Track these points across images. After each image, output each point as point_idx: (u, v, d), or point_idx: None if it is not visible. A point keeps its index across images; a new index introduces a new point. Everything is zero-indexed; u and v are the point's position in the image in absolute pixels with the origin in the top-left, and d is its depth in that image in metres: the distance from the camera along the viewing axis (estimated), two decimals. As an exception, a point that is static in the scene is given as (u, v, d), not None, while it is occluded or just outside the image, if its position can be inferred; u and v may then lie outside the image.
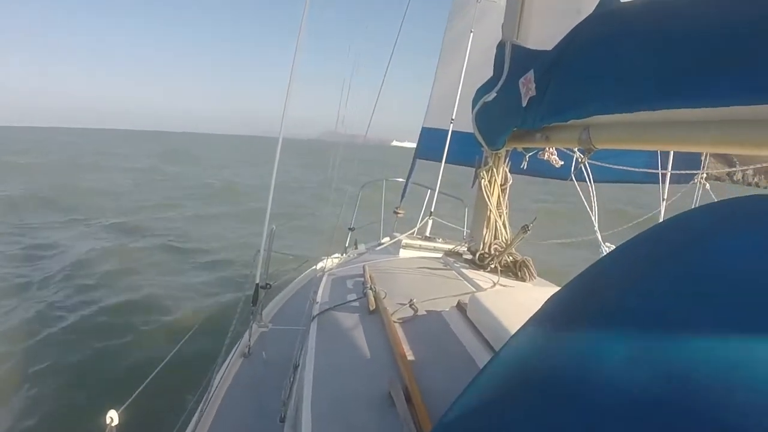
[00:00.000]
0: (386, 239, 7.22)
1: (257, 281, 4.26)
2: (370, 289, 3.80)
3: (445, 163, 7.44)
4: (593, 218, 4.57)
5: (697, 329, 0.92)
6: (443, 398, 2.24)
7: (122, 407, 2.68)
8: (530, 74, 3.41)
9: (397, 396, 2.25)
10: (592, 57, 2.86)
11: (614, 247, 3.79)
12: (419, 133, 9.02)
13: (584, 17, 3.06)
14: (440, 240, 6.72)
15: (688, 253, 1.15)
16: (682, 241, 1.20)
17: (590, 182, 4.29)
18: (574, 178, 4.13)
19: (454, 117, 7.35)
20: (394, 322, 3.22)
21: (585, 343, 1.05)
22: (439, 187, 7.79)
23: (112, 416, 2.56)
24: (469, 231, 6.35)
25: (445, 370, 2.63)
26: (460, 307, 3.32)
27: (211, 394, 3.81)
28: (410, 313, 3.43)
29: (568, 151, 4.06)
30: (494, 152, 4.55)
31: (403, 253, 6.10)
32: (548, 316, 1.29)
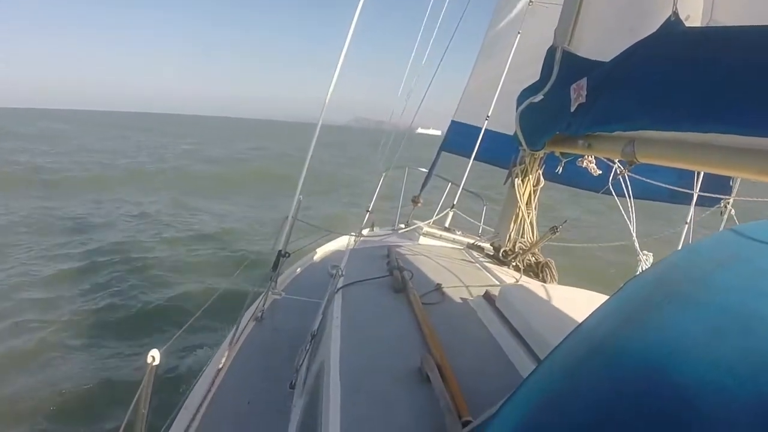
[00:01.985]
0: (402, 226, 7.24)
1: (280, 248, 4.31)
2: (396, 268, 3.83)
3: (474, 160, 7.46)
4: (632, 228, 4.61)
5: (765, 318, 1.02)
6: (474, 380, 2.32)
7: (164, 347, 2.76)
8: (583, 81, 3.46)
9: (431, 369, 2.31)
10: (649, 74, 2.93)
11: (650, 254, 3.84)
12: (448, 125, 9.03)
13: (636, 35, 3.14)
14: (460, 233, 6.76)
15: (752, 257, 1.25)
16: (746, 249, 1.29)
17: (629, 194, 4.34)
18: (612, 189, 4.19)
19: (489, 114, 7.37)
20: (423, 303, 3.27)
21: (666, 325, 1.10)
22: (459, 181, 7.82)
23: (154, 355, 2.63)
24: (485, 227, 6.45)
25: (474, 354, 2.71)
26: (489, 297, 3.37)
27: (224, 355, 3.89)
28: (437, 297, 3.50)
29: (606, 161, 4.13)
30: (532, 153, 4.62)
31: (423, 241, 6.14)
32: (627, 300, 1.33)
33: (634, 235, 4.64)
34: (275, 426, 3.20)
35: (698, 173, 5.23)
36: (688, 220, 5.74)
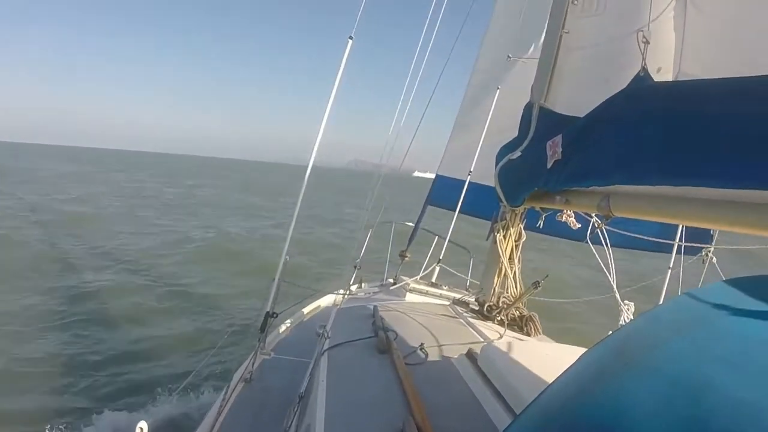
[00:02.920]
0: (390, 280, 7.25)
1: (268, 309, 4.31)
2: (381, 329, 3.84)
3: (459, 213, 7.50)
4: (611, 280, 4.63)
5: (716, 387, 1.03)
6: None
7: (152, 419, 2.75)
8: (558, 138, 3.52)
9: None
10: (621, 129, 2.98)
11: (632, 304, 3.87)
12: (433, 179, 9.12)
13: (612, 87, 3.20)
14: (446, 287, 6.75)
15: (713, 322, 1.26)
16: (703, 313, 1.31)
17: (607, 246, 4.37)
18: (590, 242, 4.23)
19: (472, 169, 7.43)
20: (406, 364, 3.27)
21: (617, 389, 1.12)
22: (449, 236, 7.85)
23: (142, 427, 2.61)
24: (472, 281, 6.46)
25: (456, 416, 2.70)
26: (471, 356, 3.36)
27: (213, 418, 3.86)
28: (420, 356, 3.48)
29: (585, 216, 4.17)
30: (512, 209, 4.66)
31: (410, 297, 6.13)
32: (583, 370, 1.34)
33: (614, 286, 4.66)
34: None
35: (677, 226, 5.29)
36: (671, 266, 5.77)
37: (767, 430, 0.90)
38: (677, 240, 5.35)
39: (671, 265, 5.77)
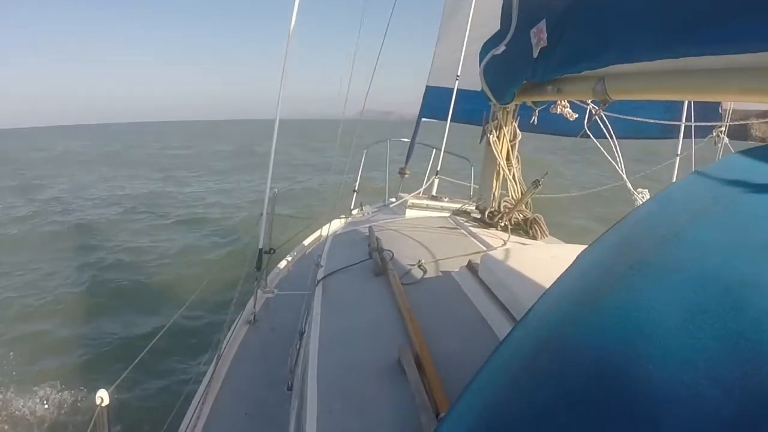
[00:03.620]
0: (392, 200, 7.08)
1: (260, 246, 4.16)
2: (376, 250, 3.69)
3: (451, 121, 7.27)
4: (619, 168, 4.37)
5: (760, 285, 0.82)
6: (456, 364, 2.14)
7: (113, 386, 2.57)
8: (542, 24, 3.27)
9: (408, 363, 2.14)
10: (609, 4, 2.72)
11: (646, 191, 3.61)
12: (423, 91, 8.86)
13: None
14: (447, 199, 6.58)
15: (737, 200, 1.05)
16: (727, 188, 1.09)
17: (609, 132, 4.13)
18: (588, 132, 3.97)
19: (459, 74, 7.17)
20: (403, 284, 3.11)
21: (631, 304, 0.92)
22: (445, 147, 7.64)
23: (102, 396, 2.43)
24: (477, 188, 6.25)
25: (458, 334, 2.53)
26: (471, 267, 3.20)
27: (216, 364, 3.73)
28: (419, 274, 3.34)
29: (581, 104, 3.94)
30: (503, 107, 4.43)
31: (410, 214, 5.99)
32: (583, 269, 1.15)
33: (623, 174, 4.38)
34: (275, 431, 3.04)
35: (684, 103, 5.01)
36: (679, 152, 5.48)
37: None
38: (683, 120, 5.06)
39: (679, 151, 5.50)
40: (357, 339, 2.63)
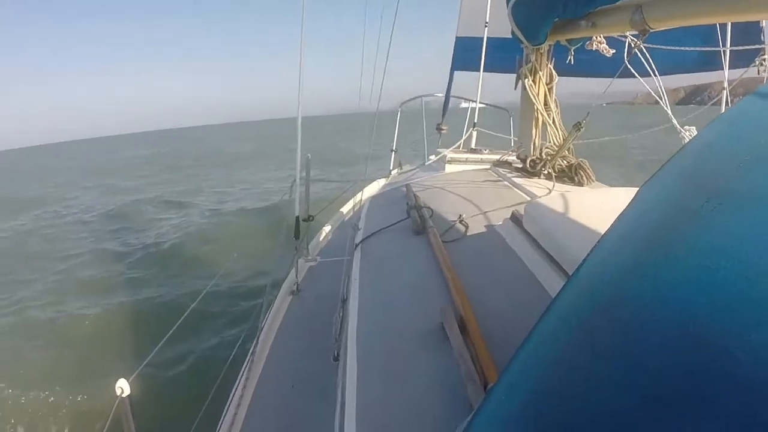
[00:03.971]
0: (432, 157, 6.94)
1: (297, 213, 4.06)
2: (415, 208, 3.57)
3: (484, 71, 7.06)
4: (663, 104, 4.13)
5: None
6: (504, 326, 2.00)
7: (132, 376, 2.48)
8: None
9: (451, 328, 2.01)
10: None
11: (693, 128, 3.39)
12: (453, 43, 8.63)
13: None
14: (487, 151, 6.42)
15: None
16: None
17: (650, 66, 3.90)
18: (630, 67, 3.73)
19: (488, 20, 6.95)
20: (444, 242, 2.99)
21: (713, 246, 0.75)
22: (481, 98, 7.45)
23: (122, 386, 2.35)
24: (516, 139, 6.05)
25: (504, 292, 2.38)
26: (515, 218, 3.05)
27: (259, 337, 3.65)
28: (460, 230, 3.21)
29: (619, 38, 3.73)
30: (536, 48, 4.25)
31: (449, 169, 5.85)
32: (646, 206, 0.98)
33: (669, 111, 4.13)
34: (323, 404, 2.95)
35: (724, 31, 4.74)
36: (726, 85, 5.13)
37: None
38: (728, 45, 4.75)
39: (726, 83, 5.17)
40: (397, 304, 2.54)
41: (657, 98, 4.17)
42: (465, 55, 8.13)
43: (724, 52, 4.70)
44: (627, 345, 0.75)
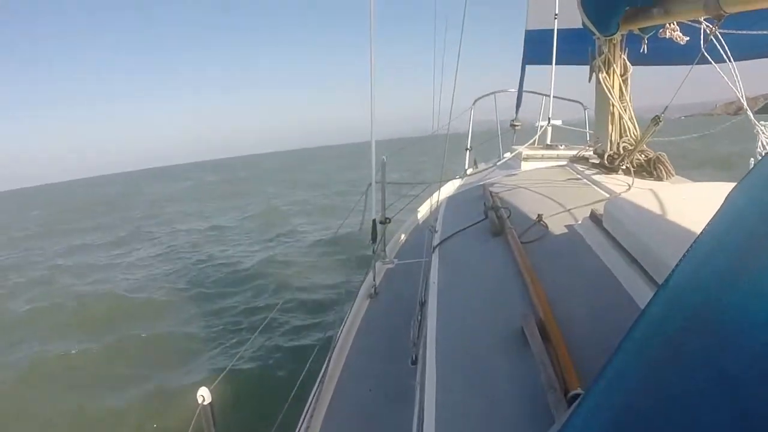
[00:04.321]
0: (507, 155, 6.84)
1: (374, 217, 4.05)
2: (492, 209, 3.50)
3: (556, 64, 6.91)
4: (739, 95, 3.89)
5: None
6: (586, 332, 1.92)
7: (214, 384, 2.52)
8: None
9: (532, 333, 1.94)
10: None
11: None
12: (523, 37, 8.48)
13: None
14: (563, 146, 6.30)
15: None
16: None
17: (727, 54, 3.70)
18: (707, 55, 3.56)
19: (557, 12, 6.79)
20: (522, 243, 2.91)
21: None
22: (554, 92, 7.30)
23: (203, 394, 2.38)
24: (592, 133, 5.89)
25: (585, 295, 2.30)
26: (595, 217, 2.94)
27: (338, 340, 3.64)
28: (539, 231, 3.12)
29: (692, 24, 3.58)
30: (608, 39, 4.11)
31: (525, 166, 5.76)
32: (738, 220, 0.88)
33: (745, 103, 3.89)
34: (401, 407, 2.91)
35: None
36: None
37: None
38: None
39: None
40: (477, 307, 2.49)
41: (737, 95, 3.93)
42: (535, 48, 8.00)
43: None
44: (719, 361, 0.69)
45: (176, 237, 19.83)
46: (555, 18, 6.79)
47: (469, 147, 7.79)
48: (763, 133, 3.83)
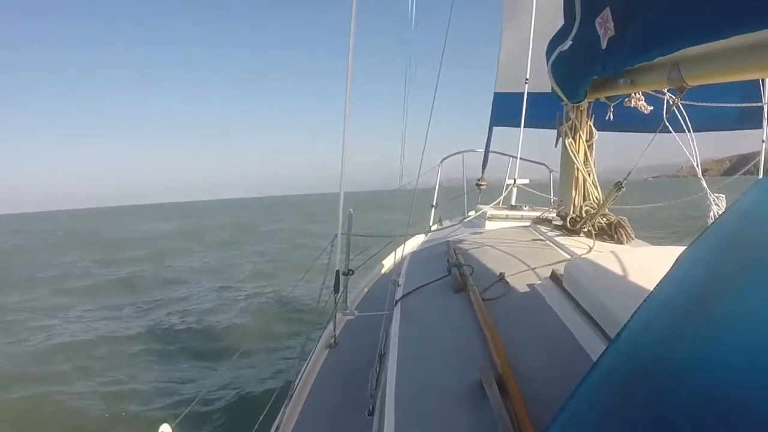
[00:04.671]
0: (472, 213, 6.94)
1: (338, 268, 4.07)
2: (455, 266, 3.55)
3: (524, 127, 7.06)
4: (696, 167, 4.10)
5: None
6: (543, 386, 1.98)
7: (176, 421, 2.52)
8: (606, 12, 3.12)
9: (490, 386, 1.98)
10: None
11: (723, 196, 3.36)
12: (492, 99, 8.66)
13: None
14: (527, 208, 6.42)
15: None
16: None
17: (687, 125, 3.87)
18: (668, 125, 3.72)
19: (528, 77, 6.97)
20: (484, 300, 2.96)
21: (750, 313, 0.75)
22: (521, 154, 7.46)
23: (164, 430, 2.38)
24: (556, 198, 6.02)
25: (544, 351, 2.36)
26: (555, 277, 3.03)
27: (295, 390, 3.64)
28: (500, 289, 3.18)
29: (657, 94, 3.72)
30: (576, 106, 4.25)
31: (489, 225, 5.85)
32: (683, 282, 0.97)
33: (700, 173, 4.10)
34: None
35: (765, 86, 4.66)
36: (765, 138, 4.99)
37: None
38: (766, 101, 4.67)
39: (765, 137, 5.07)
40: (437, 360, 2.52)
41: (694, 164, 4.11)
42: (504, 110, 8.19)
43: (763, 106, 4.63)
44: (664, 411, 0.75)
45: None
46: (526, 83, 6.95)
47: (434, 204, 7.89)
48: (716, 203, 4.00)
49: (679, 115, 3.70)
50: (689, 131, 3.92)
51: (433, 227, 7.19)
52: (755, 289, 0.78)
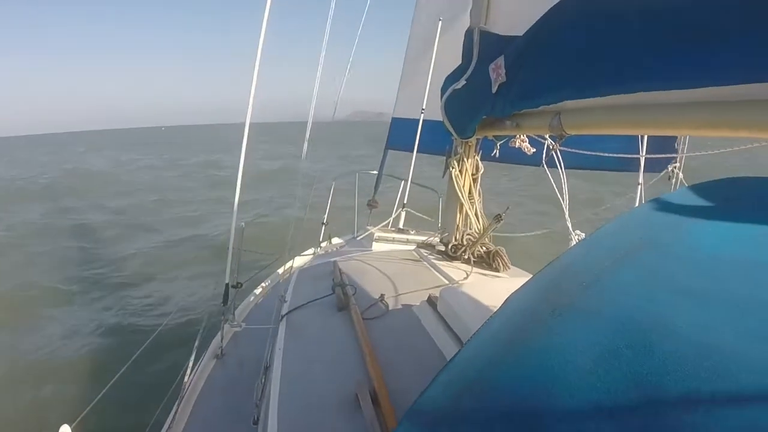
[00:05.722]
0: (361, 233, 7.10)
1: (227, 280, 4.13)
2: (339, 285, 3.73)
3: (417, 152, 7.27)
4: (564, 206, 4.44)
5: (671, 328, 0.83)
6: (412, 398, 2.14)
7: (76, 421, 2.53)
8: (500, 60, 3.31)
9: (364, 398, 2.17)
10: (563, 40, 2.75)
11: (583, 234, 3.66)
12: (389, 123, 8.90)
13: (555, 1, 2.96)
14: (413, 232, 6.59)
15: (662, 241, 1.06)
16: (656, 228, 1.11)
17: (561, 169, 4.17)
18: (545, 166, 4.02)
19: (424, 106, 7.20)
20: (364, 319, 3.15)
21: (550, 348, 0.94)
22: (413, 178, 7.65)
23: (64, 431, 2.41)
24: (440, 225, 6.26)
25: (415, 367, 2.55)
26: (431, 301, 3.22)
27: (182, 399, 3.67)
28: (380, 309, 3.36)
29: (539, 138, 3.98)
30: (464, 141, 4.47)
31: (376, 247, 5.99)
32: (510, 311, 1.19)
33: (566, 213, 4.48)
34: None
35: (643, 138, 5.04)
36: (640, 181, 5.45)
37: (737, 380, 0.71)
38: (641, 153, 5.07)
39: (641, 179, 5.50)
40: (318, 374, 2.65)
41: (559, 196, 4.45)
42: (400, 135, 8.36)
43: (639, 159, 5.03)
44: (484, 416, 0.94)
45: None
46: (422, 113, 7.17)
47: (325, 222, 7.97)
48: (576, 240, 4.34)
49: (556, 158, 3.98)
50: (562, 175, 4.23)
51: (323, 244, 7.29)
52: (557, 330, 0.97)
